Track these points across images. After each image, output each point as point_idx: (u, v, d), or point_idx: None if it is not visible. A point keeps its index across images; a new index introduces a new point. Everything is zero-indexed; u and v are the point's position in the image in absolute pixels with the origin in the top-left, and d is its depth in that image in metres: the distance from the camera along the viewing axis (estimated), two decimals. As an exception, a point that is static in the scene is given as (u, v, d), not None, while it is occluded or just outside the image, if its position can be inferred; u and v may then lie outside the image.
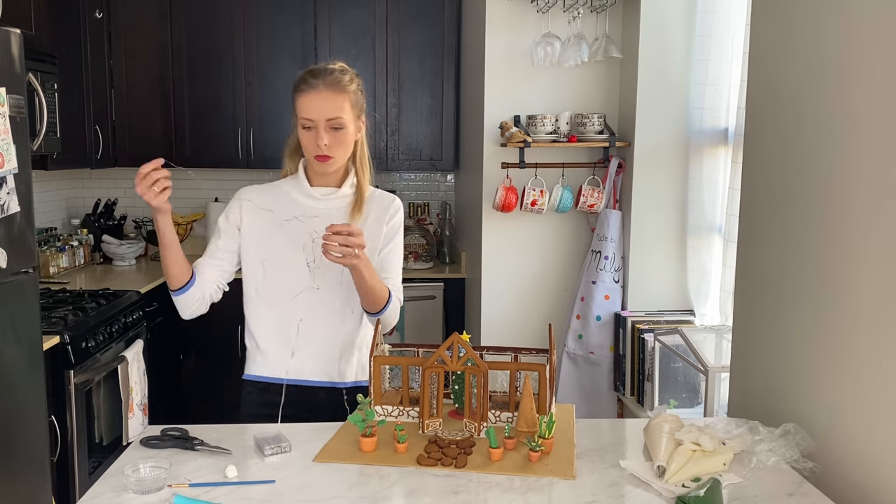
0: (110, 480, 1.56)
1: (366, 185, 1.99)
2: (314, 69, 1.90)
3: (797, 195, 1.84)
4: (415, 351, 1.95)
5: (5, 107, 2.19)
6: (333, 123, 1.86)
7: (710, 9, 3.03)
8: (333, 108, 1.85)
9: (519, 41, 3.42)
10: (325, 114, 1.85)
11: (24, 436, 2.37)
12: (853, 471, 1.61)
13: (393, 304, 1.99)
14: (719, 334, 2.86)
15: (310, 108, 1.85)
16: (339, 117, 1.86)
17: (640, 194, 3.34)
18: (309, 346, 1.98)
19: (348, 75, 1.90)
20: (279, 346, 1.99)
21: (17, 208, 2.26)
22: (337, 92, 1.86)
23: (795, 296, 1.84)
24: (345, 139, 1.89)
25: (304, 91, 1.86)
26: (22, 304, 2.35)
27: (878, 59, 1.55)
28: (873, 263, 1.55)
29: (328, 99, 1.85)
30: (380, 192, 2.05)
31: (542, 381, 1.78)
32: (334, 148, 1.88)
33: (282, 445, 1.70)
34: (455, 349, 1.75)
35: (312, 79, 1.86)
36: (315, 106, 1.84)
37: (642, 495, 1.52)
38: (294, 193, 1.98)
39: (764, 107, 2.03)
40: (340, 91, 1.86)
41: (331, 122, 1.86)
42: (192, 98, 4.18)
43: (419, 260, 4.27)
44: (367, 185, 2.00)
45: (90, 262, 4.27)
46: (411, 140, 4.29)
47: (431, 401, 1.78)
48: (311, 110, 1.85)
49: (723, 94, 2.98)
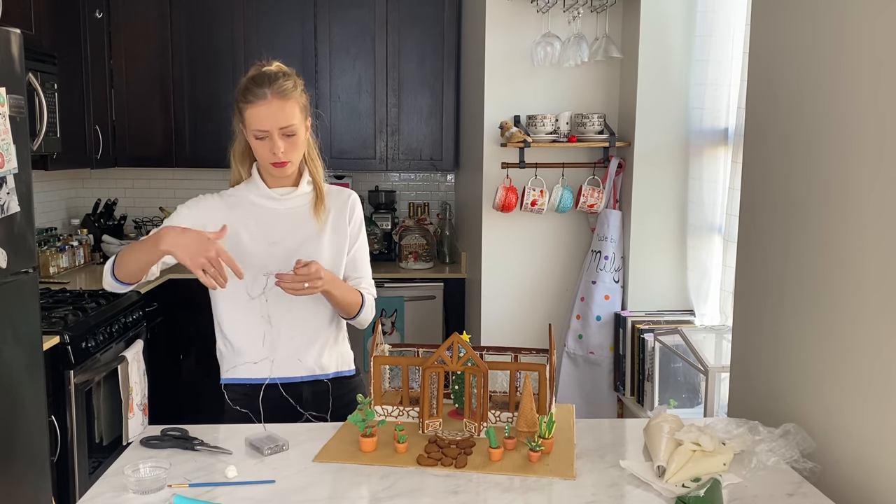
0: (110, 480, 1.56)
1: (321, 179, 2.01)
2: (256, 77, 1.88)
3: (797, 195, 1.84)
4: (415, 351, 1.95)
5: (5, 107, 2.19)
6: (286, 131, 1.87)
7: (710, 9, 3.03)
8: (285, 116, 1.86)
9: (519, 41, 3.42)
10: (277, 122, 1.85)
11: (24, 436, 2.37)
12: (853, 471, 1.61)
13: (367, 306, 2.03)
14: (719, 334, 2.86)
15: (262, 118, 1.85)
16: (291, 124, 1.87)
17: (640, 194, 3.34)
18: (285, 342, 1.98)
19: (291, 80, 1.90)
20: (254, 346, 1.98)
21: (17, 208, 2.26)
22: (285, 100, 1.86)
23: (795, 296, 1.84)
24: (298, 143, 1.90)
25: (253, 102, 1.85)
26: (22, 304, 2.35)
27: (877, 58, 1.55)
28: (873, 263, 1.55)
29: (279, 108, 1.85)
30: (335, 187, 2.07)
31: (542, 381, 1.78)
32: (290, 153, 1.89)
33: (279, 444, 1.71)
34: (455, 349, 1.75)
35: (258, 88, 1.85)
36: (267, 116, 1.84)
37: (642, 495, 1.52)
38: (252, 197, 1.98)
39: (764, 107, 2.03)
40: (288, 98, 1.87)
41: (284, 129, 1.87)
42: (192, 98, 4.18)
43: (419, 260, 4.27)
44: (322, 179, 2.02)
45: (90, 262, 4.27)
46: (411, 140, 4.29)
47: (431, 401, 1.78)
48: (263, 121, 1.85)
49: (723, 94, 2.98)
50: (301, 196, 1.99)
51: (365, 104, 4.22)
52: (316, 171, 2.01)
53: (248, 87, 1.87)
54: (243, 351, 1.99)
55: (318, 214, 1.97)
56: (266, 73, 1.89)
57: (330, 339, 2.04)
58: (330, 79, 4.20)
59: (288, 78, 1.89)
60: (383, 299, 3.99)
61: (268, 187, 1.98)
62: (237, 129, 1.97)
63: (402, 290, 4.04)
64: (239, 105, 1.89)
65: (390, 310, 4.05)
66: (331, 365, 2.05)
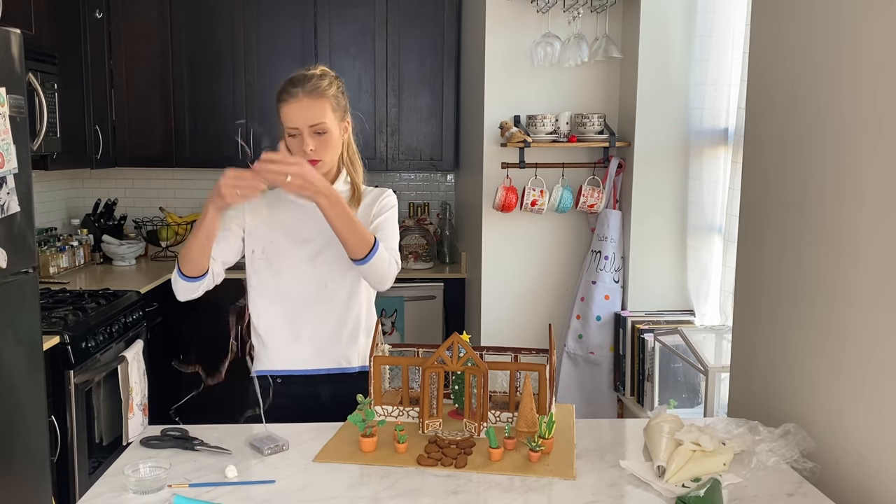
0: (110, 480, 1.56)
1: (359, 180, 2.04)
2: (293, 78, 1.94)
3: (797, 195, 1.84)
4: (415, 351, 1.95)
5: (5, 107, 2.19)
6: (317, 129, 1.91)
7: (710, 9, 3.03)
8: (315, 114, 1.90)
9: (519, 41, 3.42)
10: (307, 120, 1.89)
11: (24, 436, 2.37)
12: (853, 471, 1.61)
13: (380, 253, 1.90)
14: (719, 334, 2.86)
15: (292, 116, 1.90)
16: (321, 122, 1.90)
17: (640, 194, 3.34)
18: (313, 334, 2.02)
19: (327, 79, 1.94)
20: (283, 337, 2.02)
21: (17, 208, 2.26)
22: (316, 98, 1.90)
23: (795, 296, 1.84)
24: (330, 142, 1.94)
25: (286, 101, 1.91)
26: (22, 304, 2.35)
27: (876, 60, 1.55)
28: (872, 263, 1.55)
29: (309, 106, 1.89)
30: (376, 189, 2.09)
31: (542, 381, 1.78)
32: (321, 151, 1.92)
33: (279, 444, 1.71)
34: (455, 349, 1.75)
35: (292, 87, 1.91)
36: (297, 114, 1.89)
37: (642, 495, 1.52)
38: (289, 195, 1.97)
39: (764, 107, 2.03)
40: (320, 97, 1.90)
41: (314, 127, 1.90)
42: (192, 98, 4.18)
43: (419, 260, 4.27)
44: (361, 181, 2.05)
45: (90, 262, 4.27)
46: (411, 140, 4.29)
47: (431, 401, 1.78)
48: (294, 119, 1.90)
49: (723, 94, 2.98)
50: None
51: (365, 104, 4.22)
52: (355, 174, 2.04)
53: (285, 86, 1.92)
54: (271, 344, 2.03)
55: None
56: (303, 73, 1.94)
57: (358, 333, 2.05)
58: (330, 79, 4.20)
59: (323, 77, 1.94)
60: (383, 299, 3.99)
61: None
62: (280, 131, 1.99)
63: (402, 290, 4.04)
64: (277, 105, 1.94)
65: (390, 310, 4.05)
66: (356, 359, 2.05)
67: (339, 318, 2.02)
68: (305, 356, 2.03)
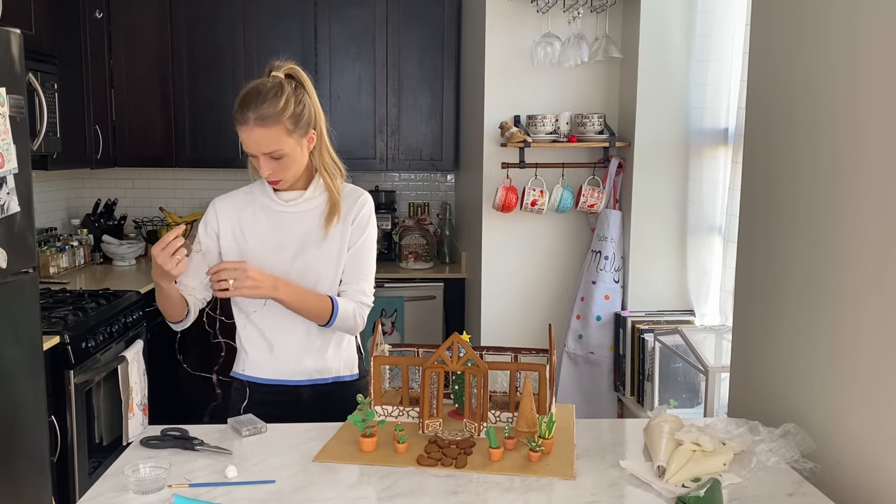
0: (110, 480, 1.56)
1: (335, 188, 1.96)
2: (246, 95, 1.85)
3: (797, 195, 1.84)
4: (415, 351, 1.95)
5: (5, 107, 2.19)
6: (273, 155, 1.84)
7: (710, 9, 3.03)
8: (267, 143, 1.82)
9: (519, 41, 3.42)
10: (261, 148, 1.83)
11: (24, 436, 2.37)
12: (853, 471, 1.61)
13: (341, 313, 1.91)
14: (719, 334, 2.86)
15: (246, 142, 1.84)
16: (275, 150, 1.83)
17: (640, 194, 3.33)
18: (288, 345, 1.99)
19: (282, 98, 1.82)
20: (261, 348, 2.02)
21: (17, 208, 2.26)
22: (269, 127, 1.80)
23: (795, 296, 1.84)
24: (288, 164, 1.87)
25: (238, 124, 1.83)
26: (22, 304, 2.35)
27: (877, 58, 1.55)
28: (872, 262, 1.55)
29: (261, 136, 1.81)
30: (350, 188, 2.03)
31: (542, 381, 1.78)
32: (280, 173, 1.87)
33: (257, 426, 1.77)
34: (455, 349, 1.75)
35: (242, 112, 1.82)
36: (250, 142, 1.83)
37: (642, 495, 1.52)
38: (263, 199, 1.97)
39: (764, 107, 2.03)
40: (273, 125, 1.81)
41: (269, 154, 1.84)
42: (192, 98, 4.18)
43: (419, 260, 4.27)
44: (339, 188, 1.97)
45: (90, 262, 4.27)
46: (411, 140, 4.29)
47: (431, 401, 1.78)
48: (248, 145, 1.84)
49: (723, 94, 2.98)
50: (309, 201, 1.96)
51: (365, 104, 4.22)
52: (330, 181, 1.95)
53: (238, 106, 1.84)
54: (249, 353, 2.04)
55: (328, 224, 1.94)
56: (253, 91, 1.84)
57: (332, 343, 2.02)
58: (330, 79, 4.20)
59: (277, 99, 1.82)
60: (383, 299, 3.99)
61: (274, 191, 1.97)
62: None
63: (402, 290, 4.04)
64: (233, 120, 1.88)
65: (390, 310, 4.05)
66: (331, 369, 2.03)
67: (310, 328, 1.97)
68: (281, 367, 2.00)
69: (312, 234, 1.95)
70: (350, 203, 1.99)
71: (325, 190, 1.96)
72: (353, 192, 2.02)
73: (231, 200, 2.00)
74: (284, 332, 1.98)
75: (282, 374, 2.01)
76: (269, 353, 2.00)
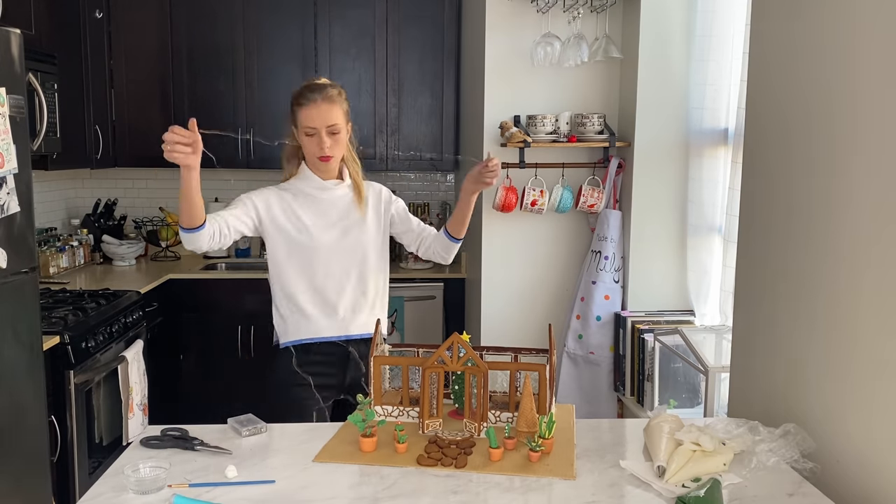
0: (110, 480, 1.56)
1: (359, 178, 2.39)
2: (310, 86, 2.28)
3: (797, 195, 1.84)
4: (415, 351, 1.95)
5: (5, 107, 2.19)
6: (332, 129, 2.24)
7: (710, 9, 3.03)
8: (331, 116, 2.24)
9: (519, 41, 3.42)
10: (325, 121, 2.23)
11: (24, 436, 2.37)
12: (853, 471, 1.61)
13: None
14: (719, 334, 2.86)
15: (312, 117, 2.22)
16: (336, 123, 2.25)
17: (640, 194, 3.34)
18: (344, 303, 2.31)
19: (336, 90, 2.30)
20: (319, 307, 2.30)
21: (17, 208, 2.26)
22: (331, 104, 2.25)
23: (795, 296, 1.84)
24: (341, 141, 2.29)
25: (305, 105, 2.23)
26: (22, 304, 2.35)
27: (876, 58, 1.55)
28: (873, 263, 1.55)
29: (327, 110, 2.23)
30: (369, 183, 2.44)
31: (542, 381, 1.78)
32: (334, 148, 2.27)
33: (258, 426, 1.80)
34: (455, 349, 1.75)
35: (310, 94, 2.24)
36: (316, 116, 2.22)
37: (642, 495, 1.52)
38: (306, 188, 2.33)
39: (764, 107, 2.03)
40: (333, 103, 2.25)
41: (330, 128, 2.24)
42: (192, 98, 4.18)
43: (419, 260, 4.26)
44: (361, 178, 2.39)
45: (90, 262, 4.27)
46: (411, 140, 4.29)
47: (431, 401, 1.78)
48: (313, 119, 2.22)
49: (723, 94, 2.98)
50: (345, 188, 2.36)
51: (365, 104, 4.22)
52: (353, 169, 2.39)
53: (303, 92, 2.26)
54: (311, 314, 2.30)
55: (360, 206, 2.35)
56: (317, 83, 2.29)
57: (377, 304, 2.38)
58: (330, 79, 4.18)
59: (334, 87, 2.29)
60: (383, 299, 3.98)
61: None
62: (290, 135, 2.33)
63: (402, 290, 4.03)
64: (293, 108, 2.26)
65: (390, 310, 4.03)
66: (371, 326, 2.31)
67: (362, 292, 2.33)
68: (333, 325, 2.31)
69: (352, 215, 2.34)
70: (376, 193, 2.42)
71: (351, 180, 2.37)
72: (373, 186, 2.44)
73: (274, 189, 2.34)
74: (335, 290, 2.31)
75: (333, 332, 2.31)
76: (322, 313, 2.30)
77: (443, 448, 1.67)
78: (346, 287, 2.31)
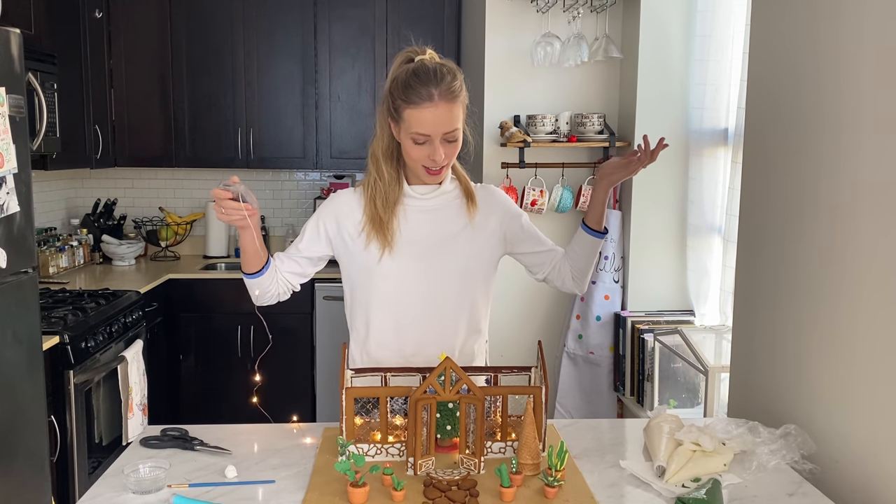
0: (110, 480, 1.56)
1: (467, 177, 1.87)
2: (421, 72, 1.67)
3: (797, 195, 1.84)
4: (381, 376, 1.68)
5: (5, 107, 2.19)
6: (450, 136, 1.69)
7: (710, 9, 3.03)
8: (451, 119, 1.67)
9: (519, 41, 3.42)
10: (443, 128, 1.67)
11: (23, 436, 2.37)
12: (853, 471, 1.61)
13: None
14: (719, 334, 2.86)
15: (426, 122, 1.66)
16: (456, 129, 1.69)
17: (640, 194, 3.34)
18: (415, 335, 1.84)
19: (458, 79, 1.70)
20: (392, 347, 1.85)
21: (16, 208, 2.26)
22: (453, 102, 1.66)
23: (795, 296, 1.84)
24: (458, 148, 1.73)
25: (418, 104, 1.65)
26: (22, 304, 2.35)
27: (877, 58, 1.55)
28: (873, 262, 1.55)
29: (446, 112, 1.65)
30: (476, 185, 1.93)
31: (537, 404, 1.59)
32: (451, 157, 1.74)
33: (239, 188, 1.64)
34: (448, 375, 1.54)
35: (423, 87, 1.65)
36: (432, 121, 1.65)
37: (642, 495, 1.52)
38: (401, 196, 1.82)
39: (764, 107, 2.03)
40: (455, 100, 1.67)
41: (448, 135, 1.68)
42: (192, 98, 4.18)
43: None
44: (466, 174, 1.88)
45: (90, 262, 4.27)
46: (411, 140, 4.28)
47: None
48: (427, 125, 1.66)
49: (723, 94, 2.98)
50: (444, 195, 1.82)
51: (365, 104, 4.22)
52: (460, 169, 1.85)
53: (411, 83, 1.66)
54: (379, 357, 1.86)
55: (471, 214, 1.81)
56: (430, 67, 1.68)
57: (458, 341, 1.90)
58: (330, 79, 4.20)
59: (455, 76, 1.69)
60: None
61: (408, 184, 1.81)
62: (383, 125, 1.76)
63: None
64: (396, 102, 1.69)
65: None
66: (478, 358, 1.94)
67: (449, 321, 1.86)
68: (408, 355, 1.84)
69: (449, 225, 1.82)
70: (482, 197, 1.87)
71: (458, 182, 1.85)
72: (488, 190, 1.92)
73: (345, 200, 1.85)
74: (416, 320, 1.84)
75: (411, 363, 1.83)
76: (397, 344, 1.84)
77: (445, 492, 1.44)
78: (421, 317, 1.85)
